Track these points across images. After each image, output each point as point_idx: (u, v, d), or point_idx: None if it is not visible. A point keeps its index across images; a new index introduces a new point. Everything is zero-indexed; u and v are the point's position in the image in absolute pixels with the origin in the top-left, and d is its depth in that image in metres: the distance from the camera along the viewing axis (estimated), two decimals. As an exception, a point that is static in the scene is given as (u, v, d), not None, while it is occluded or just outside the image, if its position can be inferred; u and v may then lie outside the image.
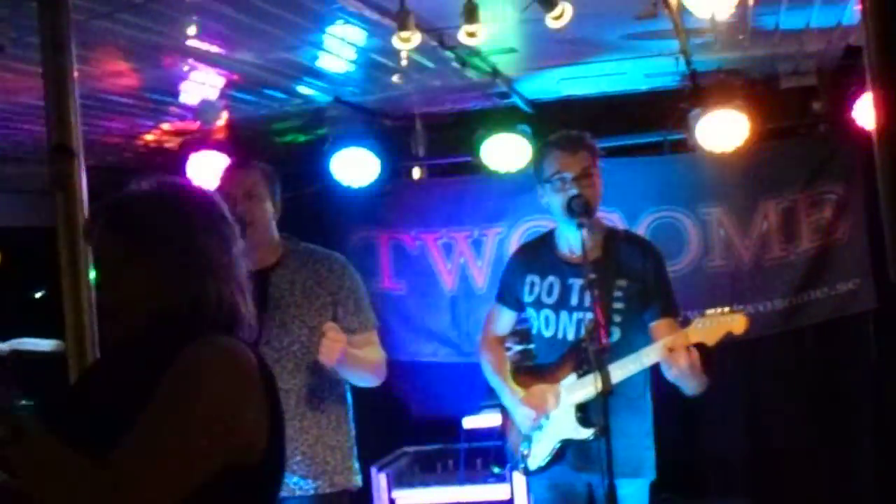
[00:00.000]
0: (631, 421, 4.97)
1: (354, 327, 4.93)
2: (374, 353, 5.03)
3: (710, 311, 4.80)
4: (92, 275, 3.46)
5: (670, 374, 4.79)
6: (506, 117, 7.13)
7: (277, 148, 7.64)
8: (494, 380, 5.33)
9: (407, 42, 4.55)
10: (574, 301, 5.01)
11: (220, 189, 4.99)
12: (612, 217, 6.71)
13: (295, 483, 4.84)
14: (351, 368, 4.84)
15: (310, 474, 4.86)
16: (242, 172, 5.02)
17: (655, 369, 4.89)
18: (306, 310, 4.86)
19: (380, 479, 6.51)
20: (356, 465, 5.07)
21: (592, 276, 4.61)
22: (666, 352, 4.72)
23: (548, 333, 5.12)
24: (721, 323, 4.77)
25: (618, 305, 4.94)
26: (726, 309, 4.81)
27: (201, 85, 5.96)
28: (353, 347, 4.82)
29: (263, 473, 2.74)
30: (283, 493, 4.86)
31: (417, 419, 7.50)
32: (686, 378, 4.76)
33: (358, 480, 5.08)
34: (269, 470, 2.77)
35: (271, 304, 4.82)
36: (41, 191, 3.87)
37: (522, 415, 5.11)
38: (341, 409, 5.01)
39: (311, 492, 4.87)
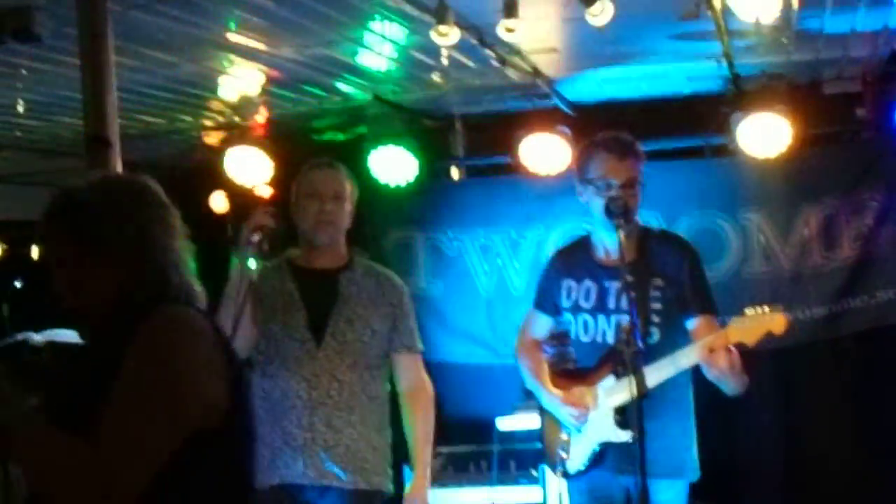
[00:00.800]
0: (671, 422, 4.94)
1: (409, 346, 5.13)
2: (427, 418, 5.21)
3: (749, 311, 4.72)
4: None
5: (710, 375, 4.74)
6: (546, 119, 7.09)
7: (316, 146, 7.64)
8: (533, 383, 5.30)
9: (445, 37, 4.53)
10: (611, 304, 4.97)
11: (306, 187, 5.04)
12: (650, 220, 6.67)
13: (335, 473, 4.90)
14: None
15: (349, 468, 4.95)
16: (332, 173, 5.09)
17: (696, 370, 4.85)
18: (371, 313, 5.02)
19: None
20: (390, 471, 5.14)
21: (629, 278, 4.57)
22: (706, 353, 4.67)
23: (586, 338, 5.08)
24: (761, 322, 4.70)
25: (656, 306, 4.89)
26: (766, 308, 4.73)
27: (241, 80, 5.95)
28: (400, 367, 5.12)
29: (226, 435, 2.81)
30: (323, 481, 4.93)
31: (451, 420, 7.43)
32: (726, 378, 4.72)
33: (390, 487, 5.14)
34: (232, 432, 2.85)
35: (340, 300, 4.99)
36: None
37: (566, 413, 5.08)
38: (385, 412, 5.11)
39: (350, 486, 4.95)
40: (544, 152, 7.00)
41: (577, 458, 5.07)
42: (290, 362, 4.95)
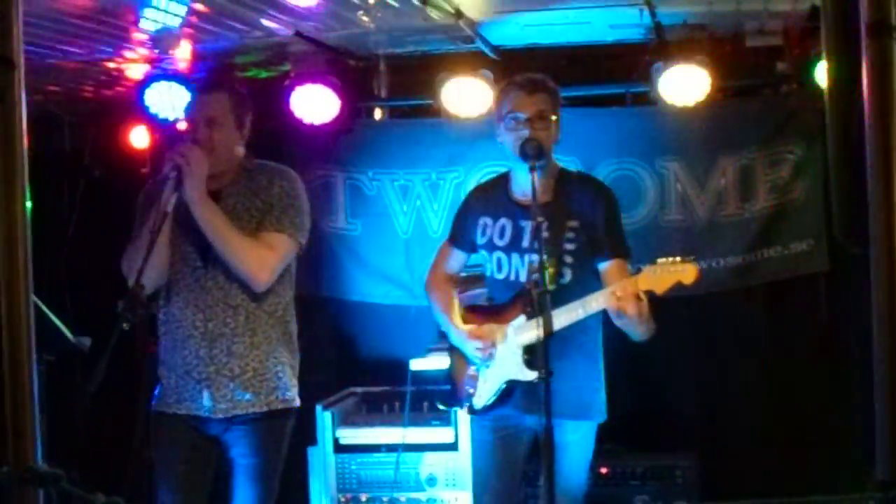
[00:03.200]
0: (580, 363, 5.00)
1: (266, 226, 5.02)
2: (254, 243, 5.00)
3: (661, 260, 4.77)
4: (27, 190, 3.39)
5: (617, 321, 4.79)
6: (469, 62, 7.09)
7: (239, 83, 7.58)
8: (442, 318, 5.34)
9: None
10: (525, 243, 5.01)
11: (188, 111, 5.07)
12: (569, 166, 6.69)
13: (247, 399, 4.92)
14: (209, 220, 4.88)
15: (262, 389, 4.95)
16: (204, 98, 5.08)
17: (606, 314, 4.89)
18: (245, 221, 5.01)
19: (325, 418, 6.51)
20: (297, 384, 5.17)
21: (540, 219, 4.60)
22: (613, 299, 4.72)
23: (500, 275, 5.13)
24: (672, 272, 4.75)
25: (569, 247, 4.94)
26: (678, 258, 4.79)
27: (162, 12, 5.88)
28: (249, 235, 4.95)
29: None
30: (236, 411, 4.95)
31: (366, 360, 7.50)
32: (633, 325, 4.77)
33: (298, 400, 5.18)
34: None
35: None
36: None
37: (472, 347, 5.12)
38: (288, 322, 5.10)
39: (265, 408, 4.95)
40: (466, 95, 7.03)
41: (483, 394, 5.12)
42: (184, 290, 4.97)
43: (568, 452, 5.00)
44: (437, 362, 6.12)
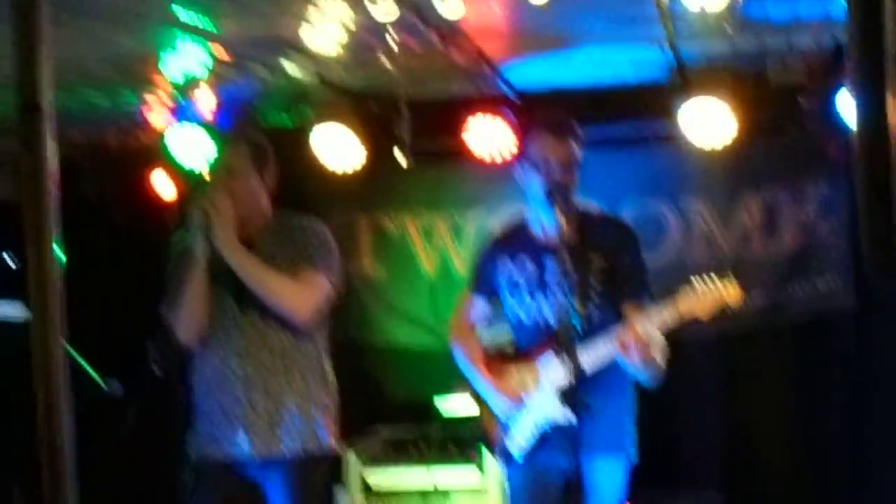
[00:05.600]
0: (611, 401, 4.96)
1: (301, 267, 5.05)
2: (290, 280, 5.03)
3: (696, 282, 4.73)
4: (55, 237, 3.39)
5: (625, 365, 4.77)
6: (491, 104, 7.10)
7: (262, 130, 7.60)
8: (468, 368, 5.30)
9: (376, 5, 4.52)
10: (550, 283, 4.98)
11: (213, 164, 5.12)
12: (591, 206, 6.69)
13: (284, 441, 4.92)
14: (242, 263, 4.90)
15: (298, 433, 4.95)
16: (230, 148, 5.16)
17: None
18: (280, 266, 5.02)
19: (351, 458, 6.50)
20: (335, 429, 5.17)
21: (567, 257, 4.58)
22: (618, 345, 4.70)
23: (525, 318, 5.09)
24: (713, 293, 4.70)
25: (596, 286, 4.91)
26: (715, 278, 4.74)
27: (185, 58, 5.91)
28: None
29: None
30: (272, 453, 4.95)
31: (392, 401, 7.49)
32: (639, 369, 4.75)
33: (336, 447, 5.20)
34: None
35: None
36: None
37: (498, 402, 5.09)
38: (324, 366, 5.12)
39: (301, 453, 4.96)
40: (489, 137, 7.03)
41: (519, 440, 5.07)
42: (221, 336, 4.99)
43: (601, 492, 4.96)
44: (463, 403, 6.10)
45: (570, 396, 4.72)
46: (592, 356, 4.73)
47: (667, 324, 4.72)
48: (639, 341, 4.65)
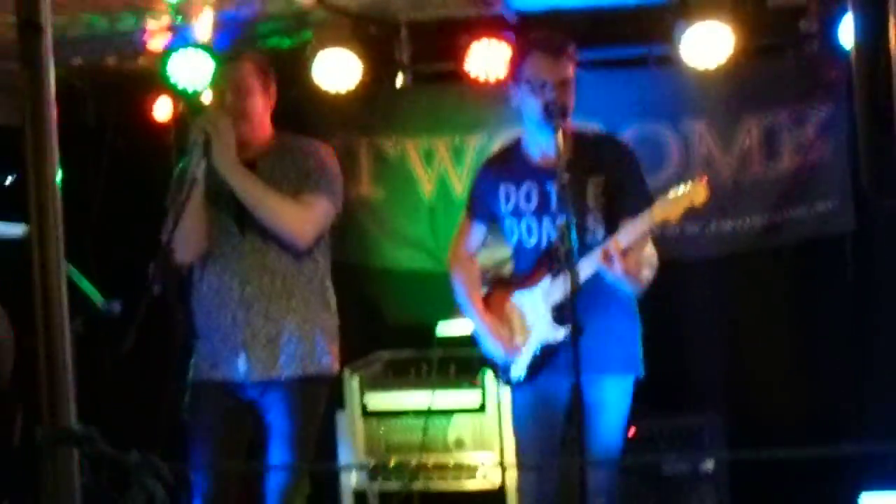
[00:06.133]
0: (618, 317, 5.01)
1: (304, 190, 5.06)
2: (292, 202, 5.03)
3: (672, 190, 4.79)
4: (57, 156, 3.41)
5: (608, 277, 4.80)
6: (492, 26, 7.08)
7: (262, 52, 7.57)
8: (466, 302, 5.32)
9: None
10: (554, 206, 4.98)
11: (213, 83, 5.10)
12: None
13: (281, 363, 4.94)
14: (243, 184, 4.91)
15: (297, 353, 4.98)
16: (231, 66, 5.12)
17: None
18: (283, 188, 5.05)
19: (352, 382, 6.54)
20: (337, 351, 5.19)
21: (566, 176, 4.59)
22: (601, 258, 4.72)
23: (531, 241, 5.10)
24: (682, 197, 4.75)
25: (596, 203, 4.93)
26: (688, 183, 4.80)
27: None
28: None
29: None
30: (271, 374, 4.98)
31: (392, 325, 7.51)
32: (622, 281, 4.79)
33: (337, 366, 5.21)
34: None
35: None
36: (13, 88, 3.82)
37: (493, 346, 5.12)
38: (326, 289, 5.14)
39: (299, 372, 4.98)
40: (490, 60, 7.02)
41: (519, 364, 5.10)
42: (221, 258, 5.00)
43: (606, 411, 5.00)
44: (463, 326, 6.13)
45: (565, 315, 4.74)
46: (585, 271, 4.75)
47: (646, 233, 4.78)
48: (619, 252, 4.68)
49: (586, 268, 4.75)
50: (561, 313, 4.90)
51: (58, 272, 3.20)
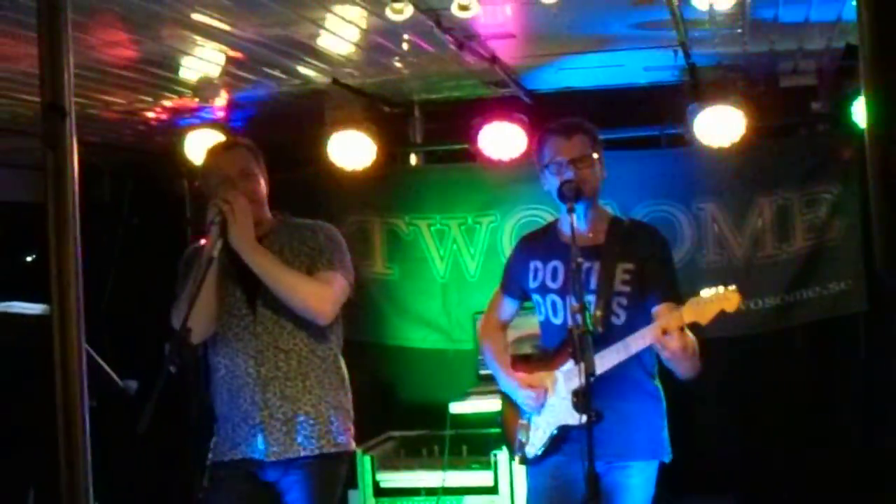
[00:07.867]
0: (641, 402, 4.99)
1: (318, 267, 5.04)
2: (311, 279, 5.04)
3: (703, 291, 4.78)
4: (78, 237, 3.43)
5: (664, 357, 4.78)
6: (504, 107, 7.14)
7: (277, 131, 7.64)
8: (494, 366, 5.32)
9: (399, 13, 4.55)
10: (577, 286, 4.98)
11: (214, 170, 5.10)
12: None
13: (300, 443, 4.94)
14: (262, 262, 4.90)
15: (314, 433, 4.97)
16: (234, 153, 5.15)
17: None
18: (296, 266, 5.01)
19: (365, 462, 6.53)
20: (353, 429, 5.18)
21: (580, 259, 4.61)
22: (659, 333, 4.70)
23: (556, 320, 5.09)
24: (714, 300, 4.75)
25: (623, 289, 4.92)
26: (721, 288, 4.79)
27: (202, 61, 5.95)
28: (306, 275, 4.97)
29: None
30: (289, 454, 4.97)
31: (405, 404, 7.52)
32: (679, 361, 4.76)
33: (353, 444, 5.21)
34: None
35: None
36: (37, 165, 3.86)
37: (523, 396, 5.11)
38: (340, 368, 5.14)
39: (317, 451, 4.97)
40: (502, 140, 7.06)
41: (536, 443, 5.09)
42: (233, 340, 5.01)
43: (630, 497, 4.97)
44: (476, 406, 6.13)
45: (585, 401, 4.72)
46: (608, 358, 4.75)
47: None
48: (678, 329, 4.67)
49: (608, 358, 4.75)
50: (580, 399, 4.88)
51: (78, 350, 3.21)
